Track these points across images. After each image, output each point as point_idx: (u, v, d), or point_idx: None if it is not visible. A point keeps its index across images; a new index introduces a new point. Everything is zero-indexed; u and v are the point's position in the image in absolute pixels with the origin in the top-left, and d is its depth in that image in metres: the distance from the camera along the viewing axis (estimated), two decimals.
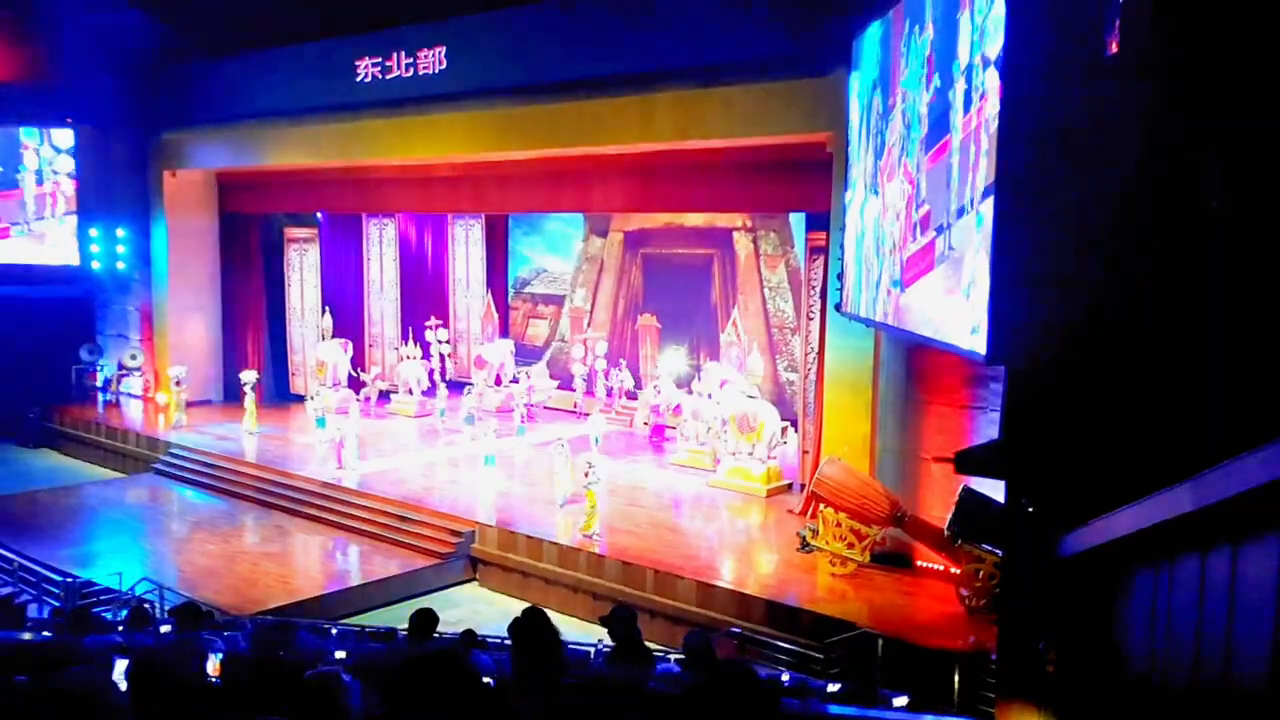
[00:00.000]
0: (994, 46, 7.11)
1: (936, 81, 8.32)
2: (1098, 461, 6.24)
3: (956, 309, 7.79)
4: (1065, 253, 6.33)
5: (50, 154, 21.08)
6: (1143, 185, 5.83)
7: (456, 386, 20.31)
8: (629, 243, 19.33)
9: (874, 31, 10.32)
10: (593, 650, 8.14)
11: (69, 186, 21.09)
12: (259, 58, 18.62)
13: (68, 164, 21.06)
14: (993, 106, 6.99)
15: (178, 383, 19.46)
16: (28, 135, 21.06)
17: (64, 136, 20.95)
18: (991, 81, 7.04)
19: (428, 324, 20.77)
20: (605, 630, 5.53)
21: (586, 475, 12.70)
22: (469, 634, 7.35)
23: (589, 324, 20.42)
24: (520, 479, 15.58)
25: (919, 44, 8.81)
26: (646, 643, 5.52)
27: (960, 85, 7.66)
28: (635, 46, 14.02)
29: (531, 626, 5.24)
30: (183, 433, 18.87)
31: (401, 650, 6.12)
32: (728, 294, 17.97)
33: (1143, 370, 5.88)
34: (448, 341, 20.67)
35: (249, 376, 18.99)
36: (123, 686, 3.34)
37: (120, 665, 3.66)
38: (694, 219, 18.34)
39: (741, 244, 17.84)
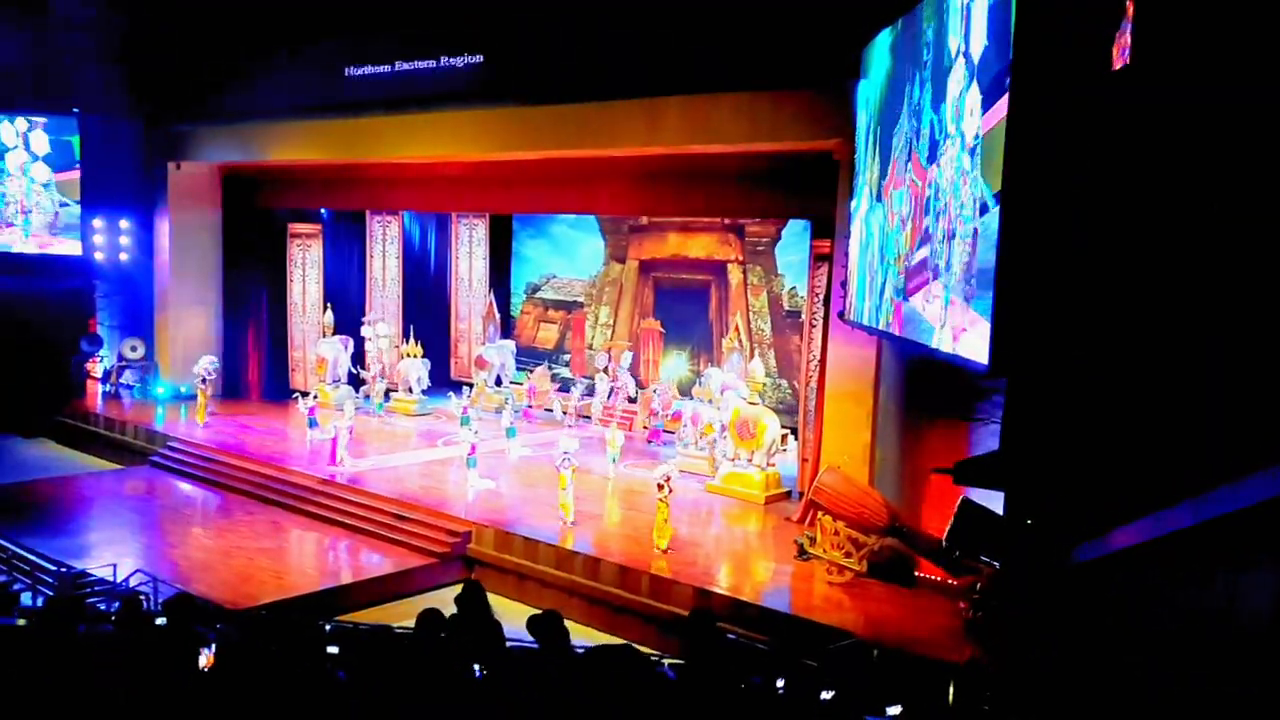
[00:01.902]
0: (970, 123, 7.13)
1: (929, 97, 8.31)
2: (1097, 474, 6.21)
3: (956, 320, 7.77)
4: (1067, 269, 6.30)
5: (26, 158, 21.02)
6: (1147, 202, 5.81)
7: (455, 386, 20.28)
8: (642, 268, 20.58)
9: (883, 40, 10.32)
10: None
11: (44, 199, 21.02)
12: (267, 53, 18.60)
13: (44, 172, 21.00)
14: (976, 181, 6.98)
15: (203, 380, 19.21)
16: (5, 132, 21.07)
17: (40, 142, 20.91)
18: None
19: (365, 319, 20.60)
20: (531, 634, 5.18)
21: (661, 489, 12.30)
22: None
23: (612, 335, 20.67)
24: (510, 481, 15.48)
25: (922, 70, 8.81)
26: (642, 649, 5.42)
27: (954, 114, 7.65)
28: (645, 50, 14.02)
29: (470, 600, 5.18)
30: (178, 426, 18.84)
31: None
32: (722, 315, 19.26)
33: (1142, 384, 5.86)
34: (388, 336, 20.34)
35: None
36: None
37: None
38: (696, 251, 19.79)
39: (733, 274, 19.18)
